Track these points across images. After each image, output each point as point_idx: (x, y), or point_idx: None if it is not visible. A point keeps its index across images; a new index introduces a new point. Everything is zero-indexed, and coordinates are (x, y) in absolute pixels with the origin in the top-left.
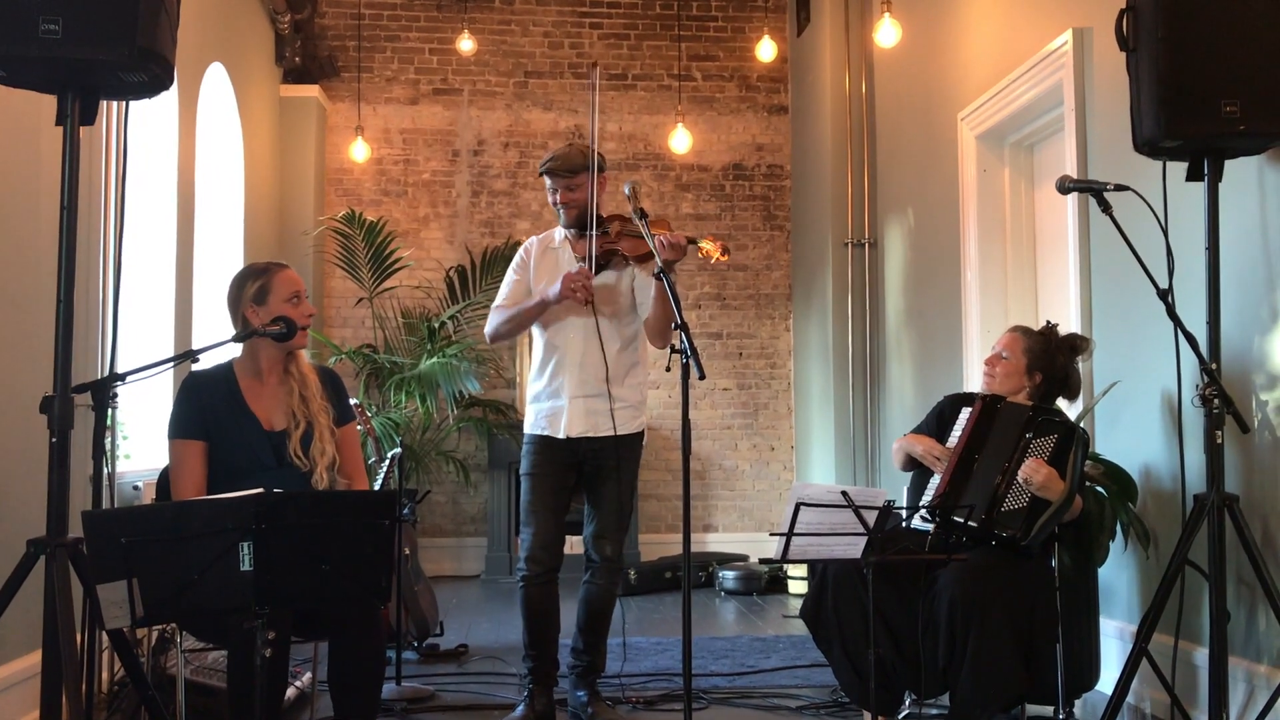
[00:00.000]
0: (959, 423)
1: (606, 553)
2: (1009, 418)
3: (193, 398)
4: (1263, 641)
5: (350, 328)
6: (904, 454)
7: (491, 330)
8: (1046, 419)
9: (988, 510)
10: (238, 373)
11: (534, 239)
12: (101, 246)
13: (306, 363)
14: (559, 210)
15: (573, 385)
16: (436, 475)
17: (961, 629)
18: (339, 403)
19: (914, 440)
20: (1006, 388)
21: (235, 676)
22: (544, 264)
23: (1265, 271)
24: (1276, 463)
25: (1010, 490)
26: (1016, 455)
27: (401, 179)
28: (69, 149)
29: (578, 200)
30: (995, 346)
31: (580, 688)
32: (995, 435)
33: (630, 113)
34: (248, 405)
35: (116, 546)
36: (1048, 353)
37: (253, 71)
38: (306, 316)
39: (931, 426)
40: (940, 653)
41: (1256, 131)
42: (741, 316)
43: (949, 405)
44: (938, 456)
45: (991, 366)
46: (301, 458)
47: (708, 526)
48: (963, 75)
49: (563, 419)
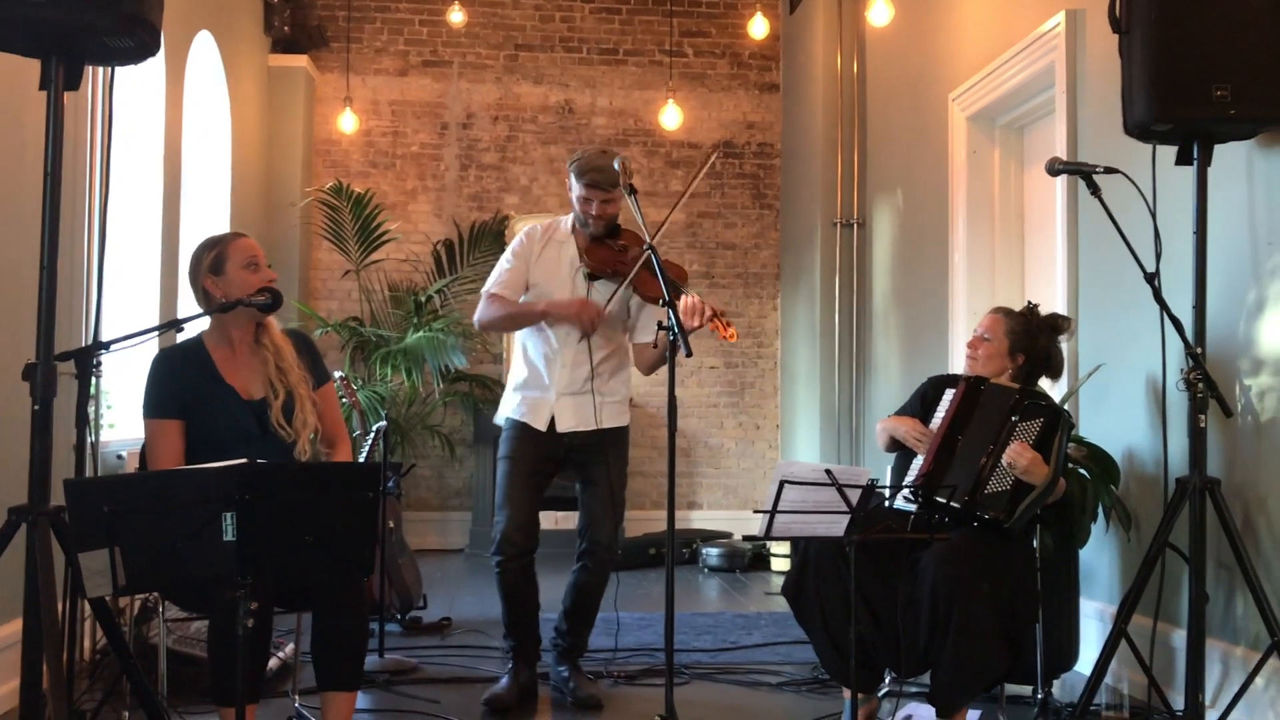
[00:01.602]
0: (942, 404)
1: (600, 540)
2: (994, 400)
3: (165, 375)
4: (1240, 624)
5: (337, 300)
6: (888, 435)
7: (484, 320)
8: (1032, 402)
9: (971, 492)
10: (208, 345)
11: (536, 226)
12: (86, 214)
13: (278, 330)
14: (588, 220)
15: (561, 383)
16: (422, 449)
17: (944, 609)
18: (315, 366)
19: (897, 422)
20: (989, 369)
21: (217, 646)
22: (546, 256)
23: (1251, 257)
24: (1259, 447)
25: (994, 473)
26: (1002, 438)
27: (390, 151)
28: (53, 115)
29: (613, 214)
30: (977, 329)
31: (562, 664)
32: (980, 417)
33: (621, 88)
34: (223, 377)
35: (99, 515)
36: (1029, 334)
37: (241, 40)
38: (266, 280)
39: (915, 408)
40: (922, 632)
41: (1247, 116)
42: (729, 295)
43: (931, 387)
44: (920, 438)
45: (974, 349)
46: (286, 428)
47: (692, 504)
48: (954, 56)
49: (546, 413)
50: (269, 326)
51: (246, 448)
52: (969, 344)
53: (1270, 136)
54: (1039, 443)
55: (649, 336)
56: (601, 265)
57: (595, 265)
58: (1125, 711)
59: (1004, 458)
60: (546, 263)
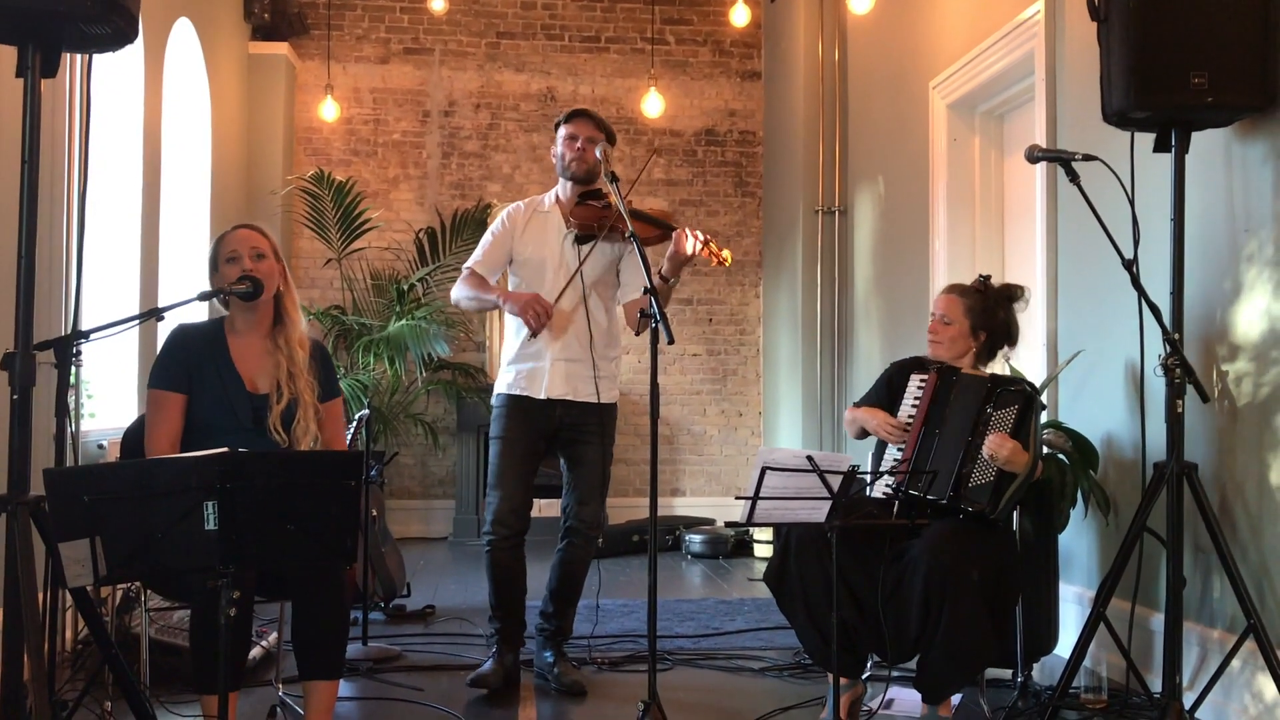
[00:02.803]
0: (909, 391)
1: (587, 518)
2: (967, 390)
3: (178, 349)
4: (1216, 608)
5: (319, 289)
6: (858, 426)
7: (456, 297)
8: (1005, 390)
9: (955, 488)
10: (226, 330)
11: (520, 203)
12: (65, 202)
13: (301, 334)
14: (570, 162)
15: (555, 348)
16: (405, 438)
17: (937, 598)
18: (326, 379)
19: (868, 415)
20: (954, 352)
21: (199, 636)
22: (532, 228)
23: (1229, 243)
24: (1235, 432)
25: (976, 466)
26: (979, 429)
27: (371, 139)
28: (30, 102)
29: (594, 160)
30: (935, 310)
31: (547, 649)
32: (954, 408)
33: (603, 76)
34: (233, 363)
35: (79, 504)
36: (988, 310)
37: (221, 28)
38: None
39: (881, 395)
40: (913, 622)
41: (1224, 104)
42: (712, 282)
43: (896, 372)
44: (893, 431)
45: (936, 333)
46: (281, 432)
47: (675, 490)
48: (935, 43)
49: (543, 379)
50: (288, 328)
51: (234, 437)
52: (931, 329)
53: (1247, 124)
54: (1016, 429)
55: (637, 292)
56: (588, 223)
57: (582, 225)
58: (1104, 694)
59: (984, 450)
60: (534, 234)
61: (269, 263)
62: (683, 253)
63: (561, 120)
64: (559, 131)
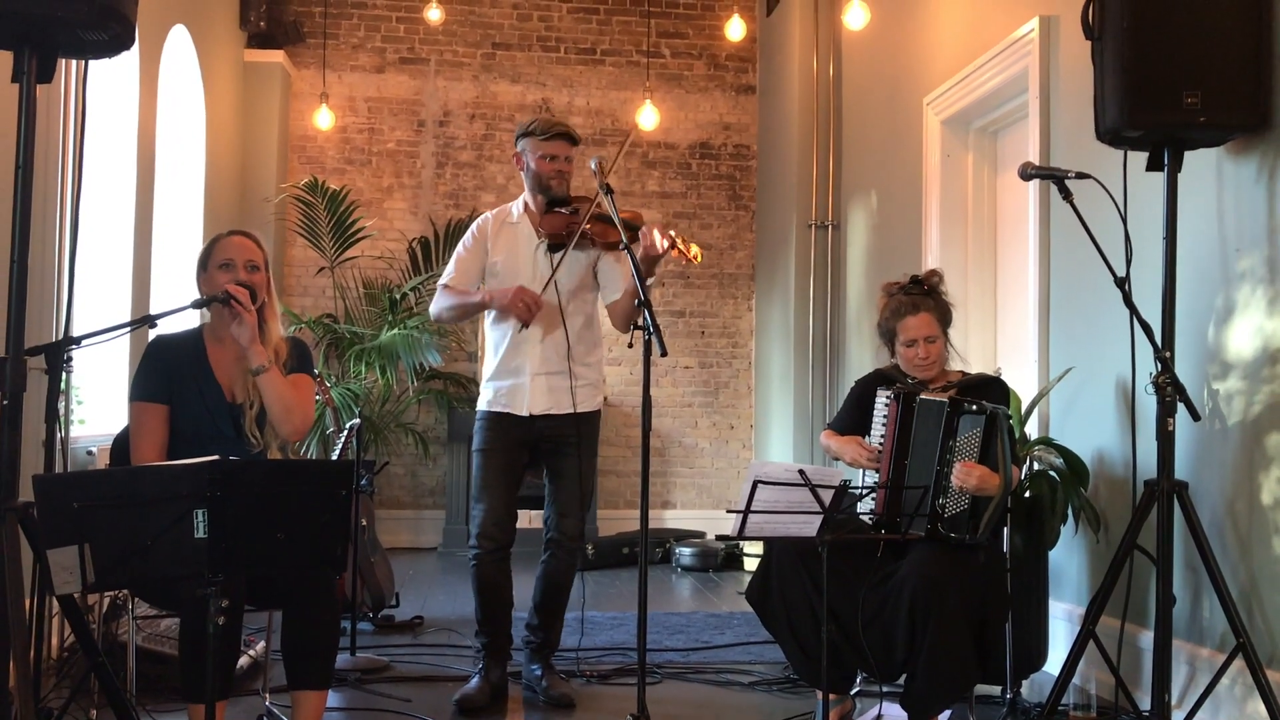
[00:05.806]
0: (877, 410)
1: (568, 531)
2: (926, 416)
3: (158, 360)
4: (1206, 626)
5: (311, 297)
6: (833, 455)
7: (436, 312)
8: (964, 414)
9: (932, 521)
10: (206, 339)
11: (488, 215)
12: (58, 208)
13: (278, 340)
14: (550, 181)
15: (534, 362)
16: (395, 447)
17: (921, 619)
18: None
19: (841, 446)
20: (939, 367)
21: (187, 644)
22: (502, 239)
23: (1220, 262)
24: (1226, 451)
25: (948, 498)
26: (945, 458)
27: (366, 148)
28: (25, 107)
29: (569, 175)
30: (915, 334)
31: (535, 662)
32: (919, 435)
33: (598, 88)
34: (213, 373)
35: (68, 511)
36: (940, 306)
37: (217, 35)
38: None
39: (853, 416)
40: (899, 643)
41: (1216, 123)
42: (705, 295)
43: (863, 389)
44: (869, 460)
45: (926, 355)
46: (257, 436)
47: (666, 503)
48: (929, 60)
49: (525, 396)
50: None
51: (217, 445)
52: (921, 355)
53: (1240, 143)
54: (983, 454)
55: (617, 293)
56: (557, 232)
57: (552, 234)
58: (1093, 711)
59: (953, 481)
60: (505, 244)
61: (261, 274)
62: (654, 250)
63: (536, 135)
64: (527, 144)
